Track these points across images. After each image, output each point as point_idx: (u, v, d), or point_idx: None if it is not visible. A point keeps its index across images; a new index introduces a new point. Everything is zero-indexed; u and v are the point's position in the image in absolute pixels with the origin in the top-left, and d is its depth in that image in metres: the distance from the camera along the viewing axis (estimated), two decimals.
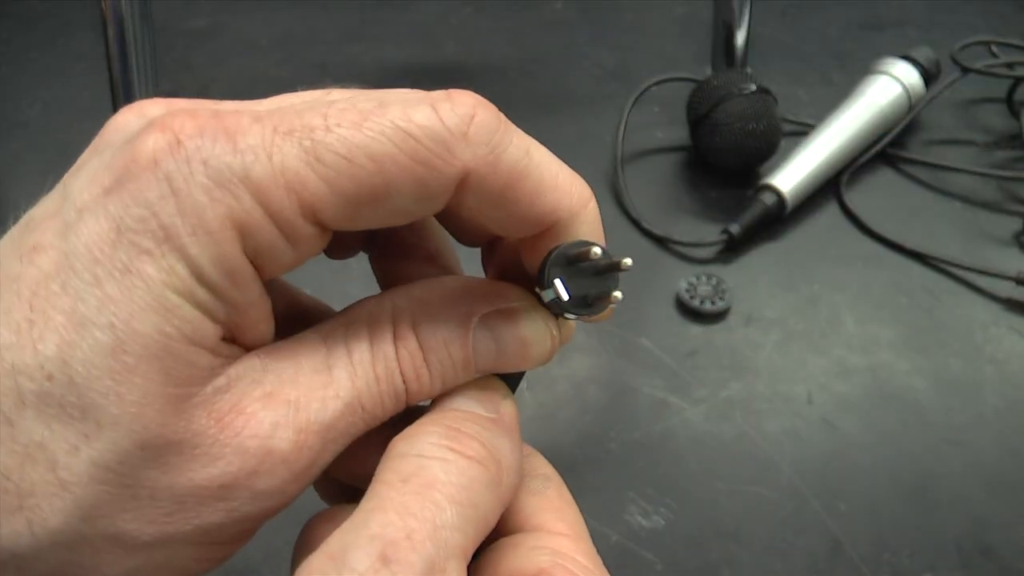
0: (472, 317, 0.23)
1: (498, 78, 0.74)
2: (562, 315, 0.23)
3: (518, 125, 0.22)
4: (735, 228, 0.59)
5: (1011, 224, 0.62)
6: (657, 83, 0.68)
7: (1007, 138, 0.69)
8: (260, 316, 0.21)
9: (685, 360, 0.53)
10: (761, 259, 0.60)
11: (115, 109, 0.23)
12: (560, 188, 0.22)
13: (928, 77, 0.68)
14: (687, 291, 0.56)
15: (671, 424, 0.49)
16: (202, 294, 0.19)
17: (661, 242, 0.60)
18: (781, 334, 0.55)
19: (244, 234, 0.19)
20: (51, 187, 0.21)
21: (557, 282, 0.22)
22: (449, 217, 0.24)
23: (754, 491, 0.46)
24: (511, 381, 0.24)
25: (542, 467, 0.26)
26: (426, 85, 0.23)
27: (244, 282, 0.20)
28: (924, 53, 0.68)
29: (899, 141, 0.67)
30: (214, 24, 0.81)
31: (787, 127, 0.65)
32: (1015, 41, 0.72)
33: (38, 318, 0.19)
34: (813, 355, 0.54)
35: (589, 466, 0.47)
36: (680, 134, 0.68)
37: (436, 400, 0.23)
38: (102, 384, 0.19)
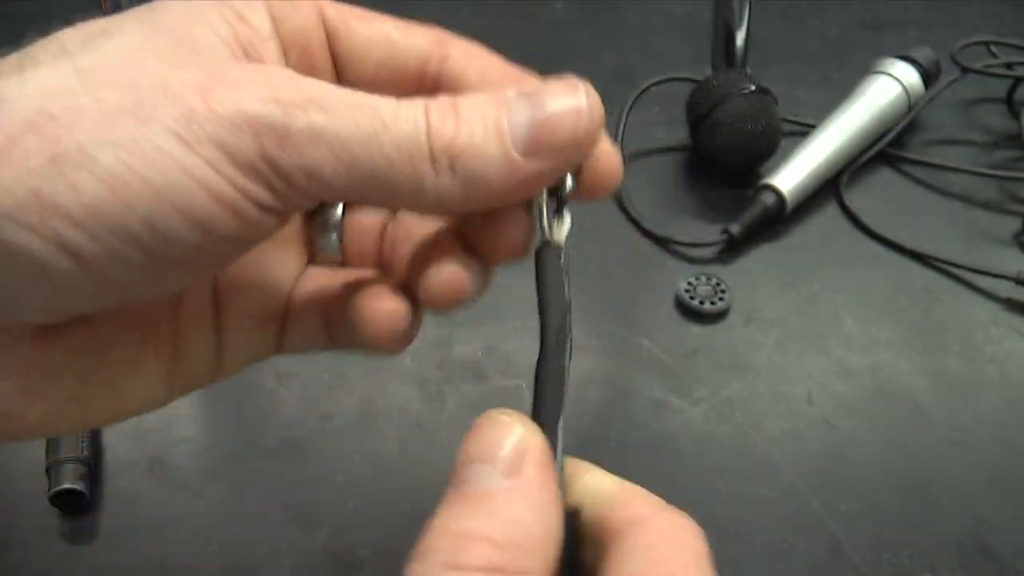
0: (508, 91, 0.23)
1: None
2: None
3: None
4: (735, 228, 0.59)
5: (1011, 224, 0.62)
6: (657, 83, 0.68)
7: (1007, 138, 0.69)
8: (279, 60, 0.24)
9: (685, 360, 0.53)
10: (761, 259, 0.60)
11: None
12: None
13: (928, 77, 0.68)
14: (687, 291, 0.56)
15: (671, 424, 0.49)
16: (221, 8, 0.23)
17: (661, 242, 0.60)
18: (781, 334, 0.55)
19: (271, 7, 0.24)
20: None
21: None
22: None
23: (754, 491, 0.46)
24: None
25: (629, 507, 0.23)
26: None
27: (260, 12, 0.23)
28: (924, 53, 0.68)
29: (899, 141, 0.67)
30: None
31: (787, 127, 0.65)
32: (1015, 41, 0.72)
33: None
34: (813, 355, 0.54)
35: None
36: (680, 134, 0.68)
37: (454, 468, 0.21)
38: (131, 46, 0.21)
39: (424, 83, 0.26)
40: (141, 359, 0.25)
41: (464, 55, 0.25)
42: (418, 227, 0.27)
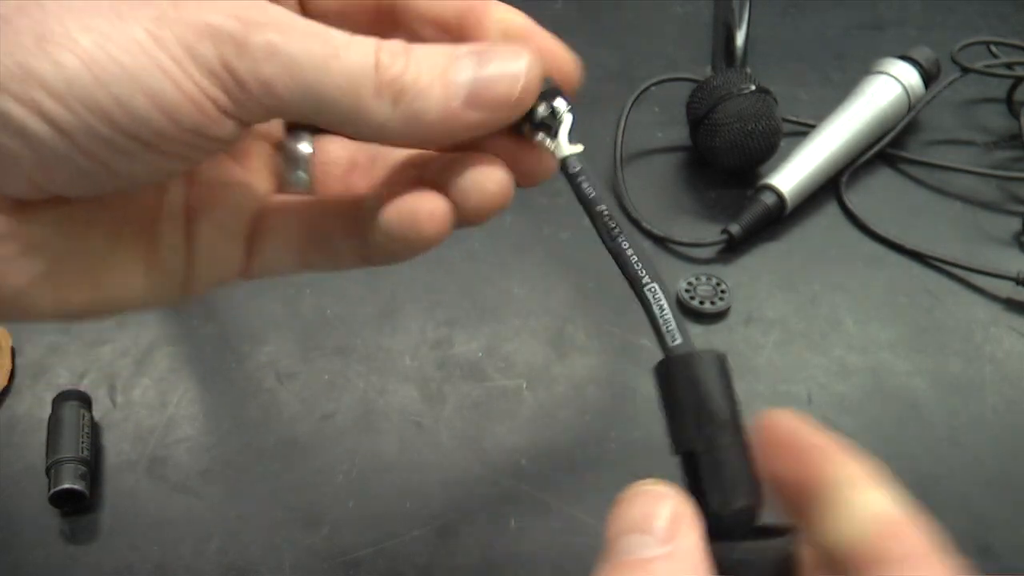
0: (460, 47, 0.25)
1: None
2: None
3: None
4: (735, 228, 0.59)
5: (1011, 224, 0.62)
6: (657, 83, 0.68)
7: (1007, 138, 0.69)
8: None
9: None
10: (761, 259, 0.60)
11: None
12: None
13: (928, 77, 0.68)
14: (687, 291, 0.56)
15: None
16: None
17: (661, 242, 0.60)
18: (781, 334, 0.55)
19: None
20: None
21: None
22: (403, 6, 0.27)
23: None
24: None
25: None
26: None
27: None
28: (924, 53, 0.68)
29: (899, 141, 0.67)
30: None
31: (787, 127, 0.65)
32: (1015, 41, 0.72)
33: None
34: (813, 355, 0.54)
35: (589, 466, 0.47)
36: (680, 134, 0.68)
37: (606, 543, 0.23)
38: None
39: (382, 18, 0.27)
40: (116, 253, 0.27)
41: None
42: (385, 162, 0.29)
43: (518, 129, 0.26)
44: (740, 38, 0.69)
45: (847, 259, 0.60)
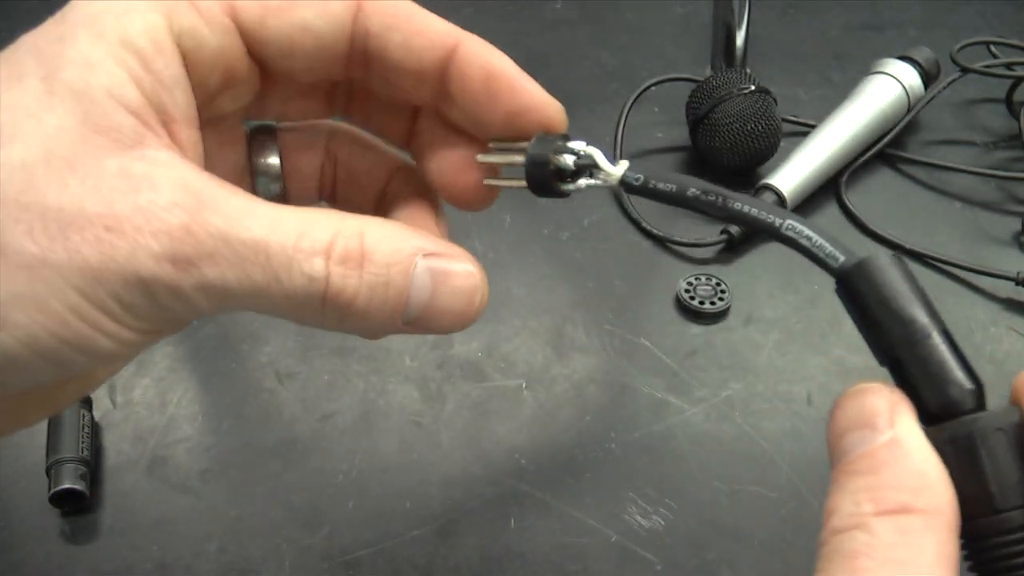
0: (418, 253, 0.24)
1: None
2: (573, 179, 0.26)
3: None
4: (735, 228, 0.59)
5: (1011, 224, 0.62)
6: (657, 83, 0.68)
7: (1007, 138, 0.69)
8: (187, 108, 0.23)
9: (685, 360, 0.53)
10: (761, 259, 0.60)
11: None
12: (449, 23, 0.26)
13: (927, 77, 0.68)
14: (687, 291, 0.56)
15: (671, 424, 0.49)
16: (125, 55, 0.22)
17: (661, 242, 0.60)
18: (781, 334, 0.55)
19: (170, 15, 0.23)
20: None
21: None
22: (376, 60, 0.26)
23: (754, 491, 0.46)
24: None
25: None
26: None
27: (167, 53, 0.22)
28: (923, 53, 0.68)
29: (899, 141, 0.67)
30: None
31: (787, 127, 0.65)
32: (1015, 41, 0.72)
33: None
34: (813, 355, 0.54)
35: (589, 466, 0.47)
36: (680, 134, 0.68)
37: (830, 450, 0.22)
38: (28, 111, 0.21)
39: (353, 61, 0.26)
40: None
41: (384, 26, 0.25)
42: (360, 171, 0.29)
43: (549, 191, 0.26)
44: (740, 38, 0.69)
45: None
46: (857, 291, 0.24)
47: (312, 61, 0.25)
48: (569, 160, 0.25)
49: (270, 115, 0.28)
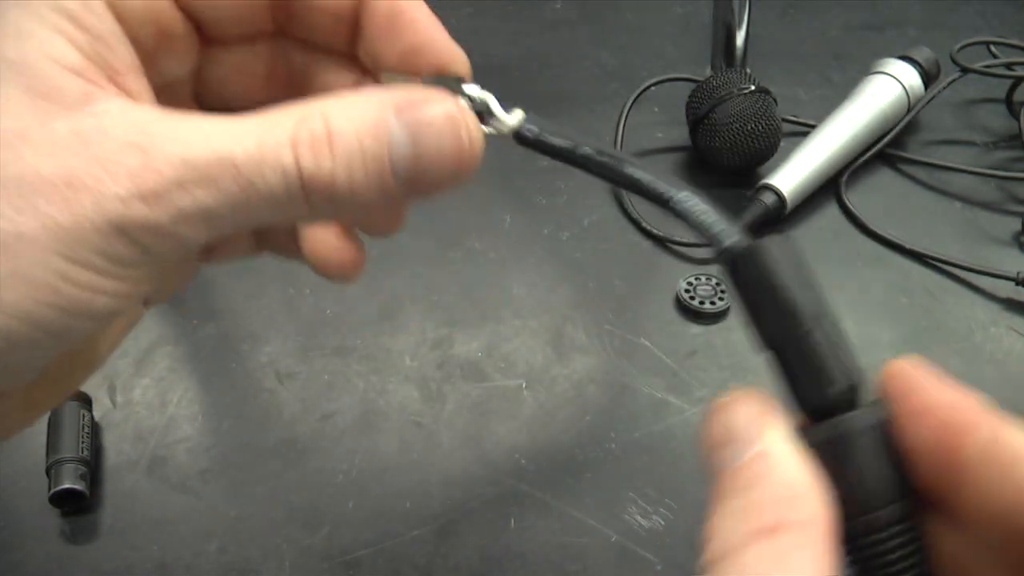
0: (388, 110, 0.22)
1: (498, 78, 0.74)
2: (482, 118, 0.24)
3: None
4: None
5: (1011, 224, 0.62)
6: (657, 83, 0.68)
7: (1007, 138, 0.69)
8: (129, 59, 0.23)
9: (685, 360, 0.53)
10: None
11: None
12: None
13: (927, 77, 0.68)
14: (687, 291, 0.56)
15: (671, 424, 0.49)
16: (56, 19, 0.22)
17: (661, 242, 0.60)
18: None
19: None
20: None
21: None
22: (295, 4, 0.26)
23: None
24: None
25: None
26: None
27: (97, 10, 0.22)
28: (923, 53, 0.68)
29: (899, 141, 0.67)
30: None
31: (787, 127, 0.65)
32: (1015, 41, 0.72)
33: None
34: None
35: (589, 466, 0.47)
36: (680, 134, 0.68)
37: (702, 464, 0.22)
38: None
39: (276, 5, 0.26)
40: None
41: None
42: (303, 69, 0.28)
43: None
44: (740, 38, 0.69)
45: (847, 259, 0.60)
46: (745, 275, 0.23)
47: (239, 9, 0.25)
48: (461, 102, 0.24)
49: (212, 81, 0.28)
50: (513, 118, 0.25)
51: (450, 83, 0.25)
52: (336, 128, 0.22)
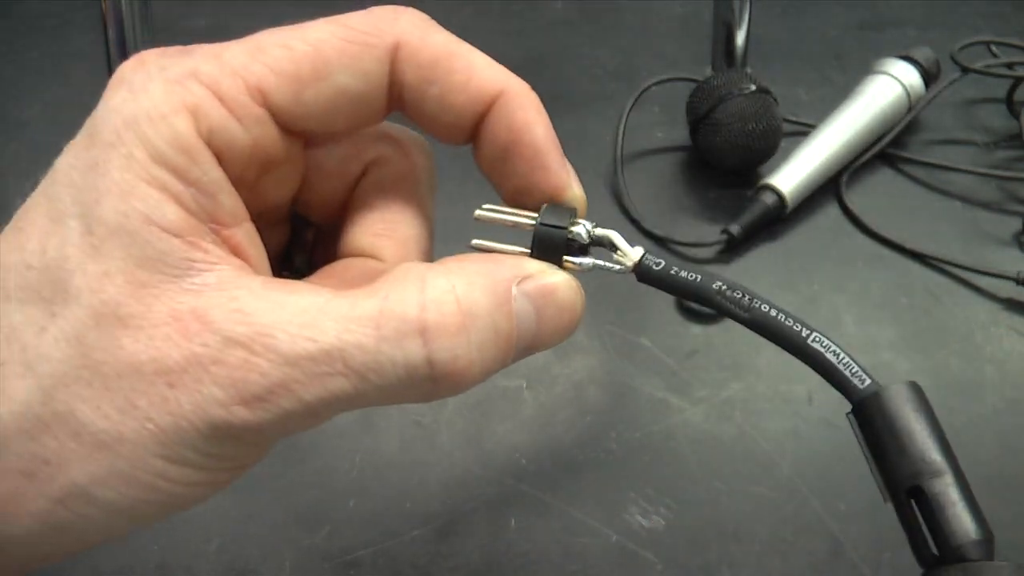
0: (511, 285, 0.22)
1: None
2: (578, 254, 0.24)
3: None
4: (735, 228, 0.59)
5: (1011, 224, 0.62)
6: (657, 83, 0.68)
7: (1007, 138, 0.69)
8: (234, 208, 0.22)
9: (685, 360, 0.53)
10: (761, 259, 0.60)
11: None
12: (494, 67, 0.24)
13: (928, 77, 0.68)
14: None
15: (671, 424, 0.49)
16: (158, 172, 0.20)
17: (661, 242, 0.60)
18: None
19: (197, 115, 0.21)
20: None
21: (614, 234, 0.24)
22: (412, 109, 0.25)
23: (754, 491, 0.46)
24: None
25: None
26: None
27: (201, 159, 0.21)
28: (924, 53, 0.68)
29: (899, 141, 0.67)
30: (214, 24, 0.81)
31: (787, 127, 0.65)
32: (1015, 41, 0.72)
33: (26, 225, 0.21)
34: None
35: (589, 466, 0.47)
36: (680, 134, 0.68)
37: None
38: (71, 263, 0.20)
39: (390, 107, 0.25)
40: None
41: (421, 78, 0.23)
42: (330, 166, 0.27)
43: (553, 260, 0.24)
44: (740, 38, 0.69)
45: (847, 259, 0.60)
46: (873, 419, 0.23)
47: (351, 122, 0.24)
48: (583, 232, 0.24)
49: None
50: (636, 252, 0.25)
51: (567, 213, 0.24)
52: (467, 306, 0.21)
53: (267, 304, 0.20)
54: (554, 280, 0.23)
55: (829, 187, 0.64)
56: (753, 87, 0.62)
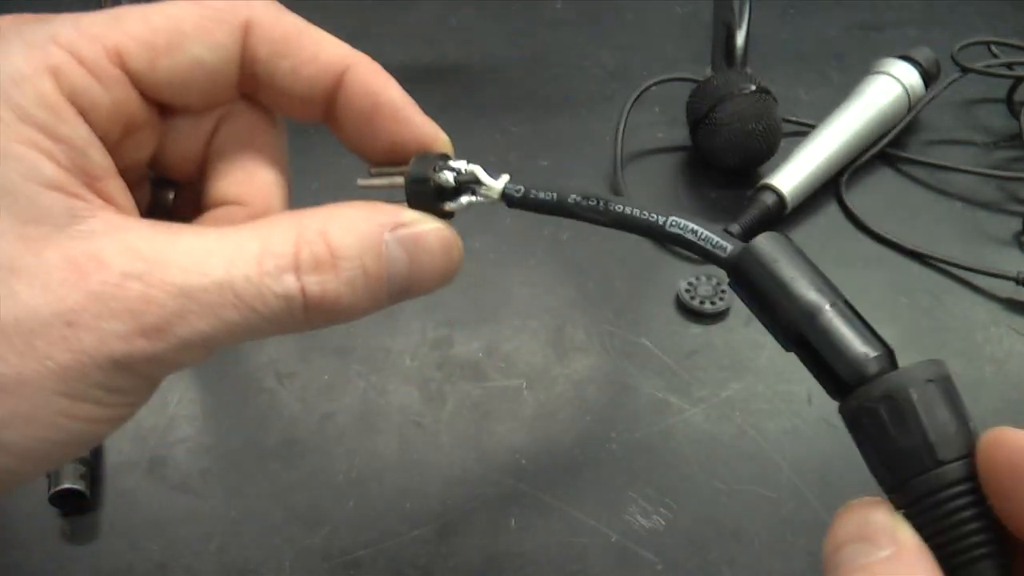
0: (384, 231, 0.23)
1: (498, 78, 0.74)
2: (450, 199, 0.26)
3: (518, 125, 0.24)
4: (735, 228, 0.59)
5: (1011, 224, 0.62)
6: (657, 83, 0.68)
7: (1007, 138, 0.69)
8: (105, 163, 0.23)
9: (685, 360, 0.53)
10: None
11: None
12: (341, 44, 0.25)
13: (928, 77, 0.68)
14: (687, 291, 0.56)
15: (671, 424, 0.49)
16: (27, 131, 0.21)
17: (661, 242, 0.60)
18: None
19: (58, 76, 0.22)
20: None
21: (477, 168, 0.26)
22: (265, 86, 0.26)
23: (754, 491, 0.46)
24: None
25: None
26: (426, 85, 0.23)
27: (67, 117, 0.22)
28: (924, 53, 0.68)
29: (899, 141, 0.67)
30: None
31: (787, 127, 0.65)
32: (1015, 41, 0.72)
33: None
34: None
35: (589, 466, 0.47)
36: (680, 134, 0.68)
37: (824, 561, 0.22)
38: None
39: (243, 83, 0.26)
40: None
41: (273, 52, 0.25)
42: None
43: (431, 210, 0.26)
44: (740, 38, 0.69)
45: (847, 259, 0.60)
46: (748, 278, 0.23)
47: (206, 94, 0.25)
48: (449, 177, 0.26)
49: (161, 149, 0.27)
50: (500, 183, 0.26)
51: (436, 160, 0.26)
52: (337, 247, 0.23)
53: (157, 244, 0.21)
54: (424, 228, 0.24)
55: (829, 187, 0.64)
56: (753, 87, 0.62)
